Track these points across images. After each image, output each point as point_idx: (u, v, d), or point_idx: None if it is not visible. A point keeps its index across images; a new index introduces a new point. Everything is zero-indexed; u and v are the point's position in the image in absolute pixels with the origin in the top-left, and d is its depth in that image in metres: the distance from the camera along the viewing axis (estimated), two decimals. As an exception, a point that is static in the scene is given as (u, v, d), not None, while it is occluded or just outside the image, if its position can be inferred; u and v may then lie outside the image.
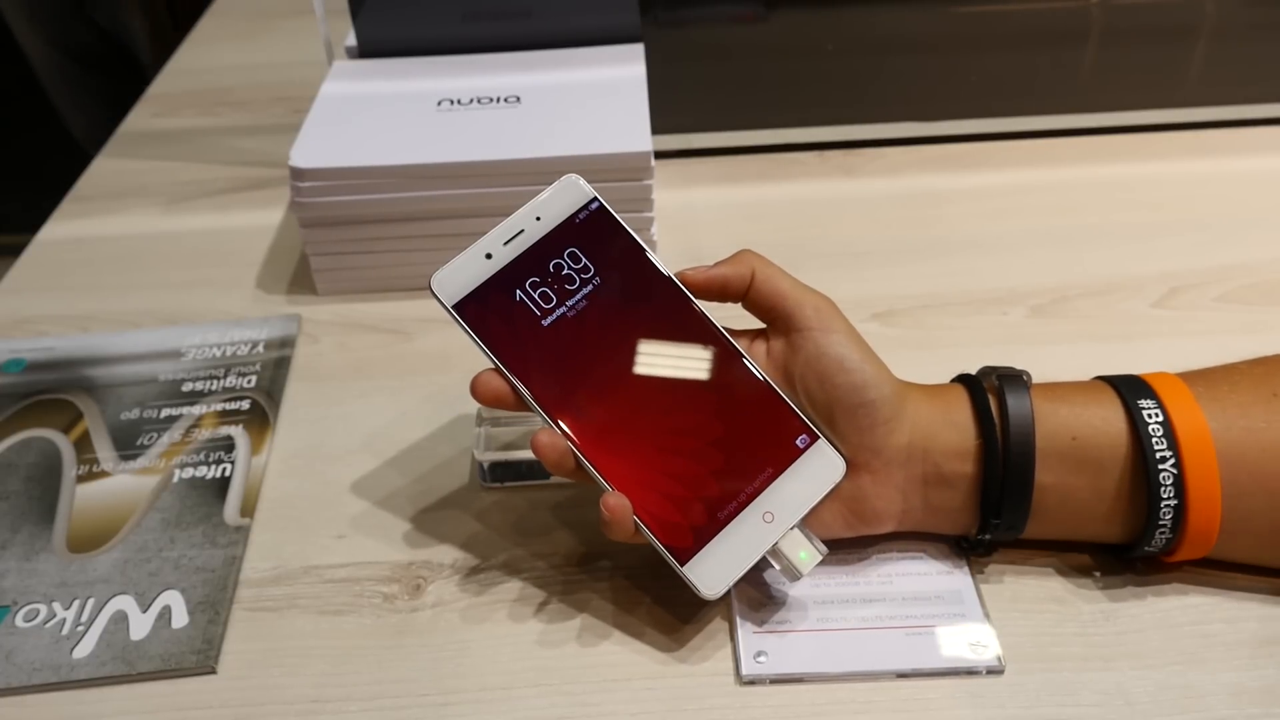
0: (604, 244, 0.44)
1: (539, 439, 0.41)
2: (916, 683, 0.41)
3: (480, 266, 0.43)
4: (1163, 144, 0.74)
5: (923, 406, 0.42)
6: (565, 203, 0.44)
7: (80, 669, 0.42)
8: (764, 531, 0.41)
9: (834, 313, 0.43)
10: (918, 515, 0.43)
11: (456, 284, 0.43)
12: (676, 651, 0.42)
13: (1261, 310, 0.59)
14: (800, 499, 0.41)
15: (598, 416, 0.42)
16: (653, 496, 0.41)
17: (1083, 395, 0.42)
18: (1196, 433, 0.40)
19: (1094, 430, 0.41)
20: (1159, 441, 0.40)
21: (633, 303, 0.43)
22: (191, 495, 0.50)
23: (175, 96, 0.90)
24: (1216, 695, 0.39)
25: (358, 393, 0.57)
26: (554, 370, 0.42)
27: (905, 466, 0.42)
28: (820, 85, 0.79)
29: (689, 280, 0.44)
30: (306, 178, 0.60)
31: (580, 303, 0.43)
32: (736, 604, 0.43)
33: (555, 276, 0.43)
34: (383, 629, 0.44)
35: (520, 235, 0.43)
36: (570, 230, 0.44)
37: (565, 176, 0.44)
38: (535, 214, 0.44)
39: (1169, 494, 0.40)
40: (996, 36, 0.81)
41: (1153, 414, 0.41)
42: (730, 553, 0.41)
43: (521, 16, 0.72)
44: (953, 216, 0.68)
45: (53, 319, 0.63)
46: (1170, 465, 0.40)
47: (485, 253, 0.43)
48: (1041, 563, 0.45)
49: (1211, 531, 0.41)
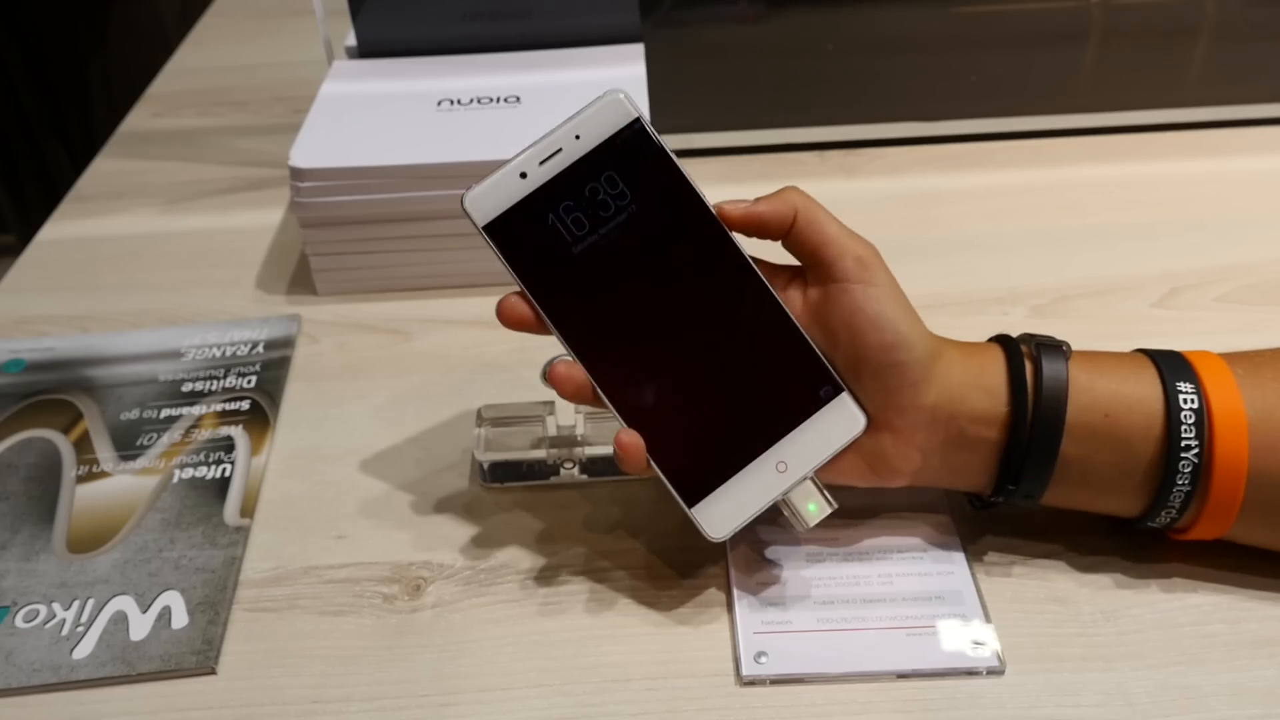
0: (644, 168, 0.42)
1: (556, 369, 0.41)
2: (917, 683, 0.41)
3: (514, 186, 0.41)
4: (1162, 144, 0.74)
5: (955, 367, 0.42)
6: (606, 122, 0.42)
7: (80, 669, 0.42)
8: (776, 480, 0.41)
9: (877, 264, 0.42)
10: (934, 473, 0.43)
11: (489, 203, 0.41)
12: (676, 652, 0.42)
13: (1261, 310, 0.59)
14: (816, 451, 0.41)
15: (620, 349, 0.41)
16: (668, 434, 0.41)
17: (1122, 370, 0.42)
18: (1233, 419, 0.40)
19: (1128, 409, 0.41)
20: (1188, 430, 0.40)
21: (667, 234, 0.42)
22: (191, 495, 0.50)
23: (175, 96, 0.90)
24: (1217, 696, 0.39)
25: (358, 393, 0.57)
26: (580, 299, 0.41)
27: (929, 428, 0.41)
28: (820, 85, 0.79)
29: (727, 215, 0.42)
30: (306, 178, 0.60)
31: (614, 230, 0.41)
32: (737, 604, 0.43)
33: (591, 200, 0.41)
34: (383, 629, 0.44)
35: (558, 155, 0.41)
36: (610, 152, 0.41)
37: (608, 92, 0.42)
38: (575, 132, 0.41)
39: (1184, 481, 0.40)
40: (996, 36, 0.81)
41: (1189, 399, 0.40)
42: (740, 498, 0.41)
43: (521, 16, 0.72)
44: (953, 216, 0.68)
45: (53, 319, 0.63)
46: (1193, 454, 0.40)
47: (520, 171, 0.41)
48: (1042, 563, 0.45)
49: (1229, 516, 0.41)
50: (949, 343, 0.43)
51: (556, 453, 0.49)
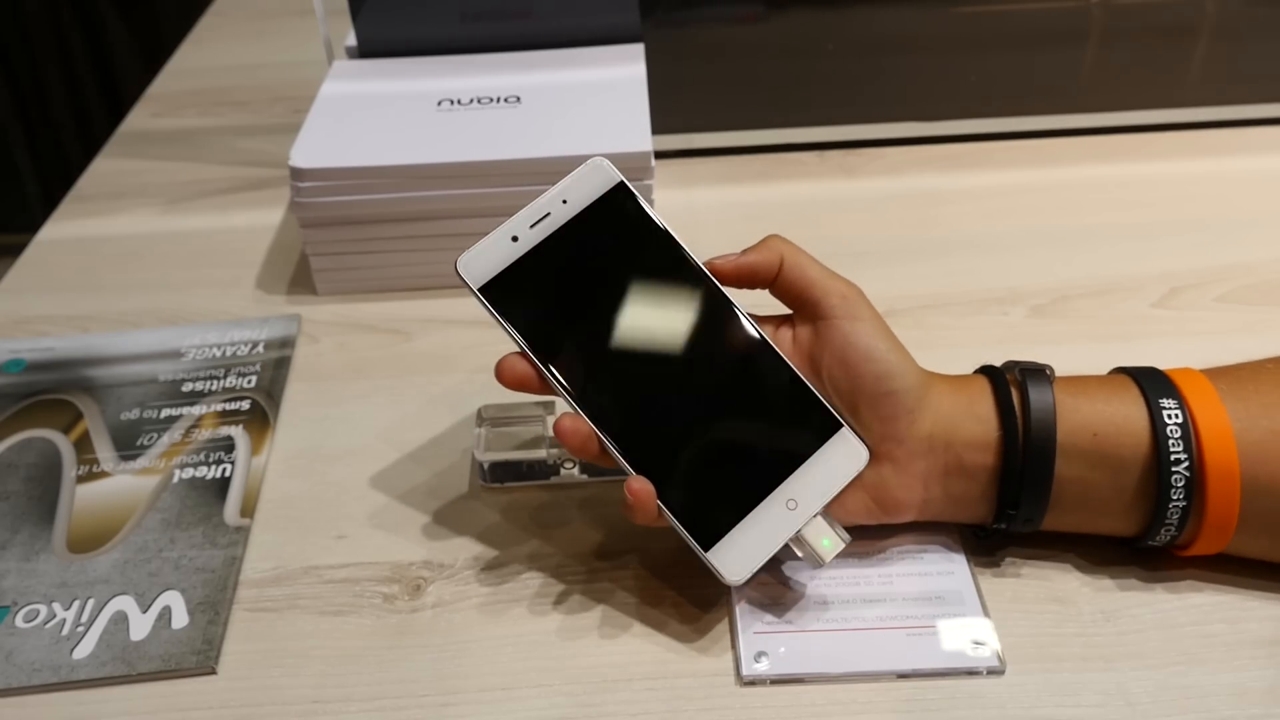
0: (631, 228, 0.44)
1: (562, 423, 0.41)
2: (917, 683, 0.41)
3: (506, 249, 0.43)
4: (1163, 144, 0.74)
5: (946, 398, 0.43)
6: (592, 186, 0.44)
7: (80, 669, 0.42)
8: (788, 519, 0.41)
9: (861, 301, 0.43)
10: (938, 505, 0.43)
11: (482, 267, 0.43)
12: (676, 652, 0.42)
13: (1261, 310, 0.59)
14: (824, 486, 0.42)
15: (623, 401, 0.42)
16: (677, 481, 0.41)
17: (1105, 391, 0.42)
18: (1219, 432, 0.40)
19: (1115, 428, 0.41)
20: (1175, 444, 0.40)
21: (659, 288, 0.43)
22: (191, 495, 0.50)
23: (175, 96, 0.90)
24: (1217, 695, 0.39)
25: (358, 393, 0.57)
26: (579, 354, 0.42)
27: (927, 457, 0.42)
28: (820, 85, 0.79)
29: (717, 269, 0.44)
30: (306, 178, 0.60)
31: (606, 288, 0.43)
32: (737, 604, 0.43)
33: (581, 260, 0.43)
34: (383, 629, 0.44)
35: (547, 218, 0.43)
36: (597, 214, 0.43)
37: (592, 160, 0.44)
38: (562, 197, 0.43)
39: (1179, 496, 0.40)
40: (996, 36, 0.81)
41: (1173, 414, 0.41)
42: (754, 539, 0.41)
43: (521, 16, 0.72)
44: (953, 216, 0.68)
45: (53, 319, 0.63)
46: (1184, 468, 0.40)
47: (511, 235, 0.43)
48: (1041, 563, 0.45)
49: (1228, 529, 0.41)
50: (937, 376, 0.44)
51: (556, 453, 0.49)
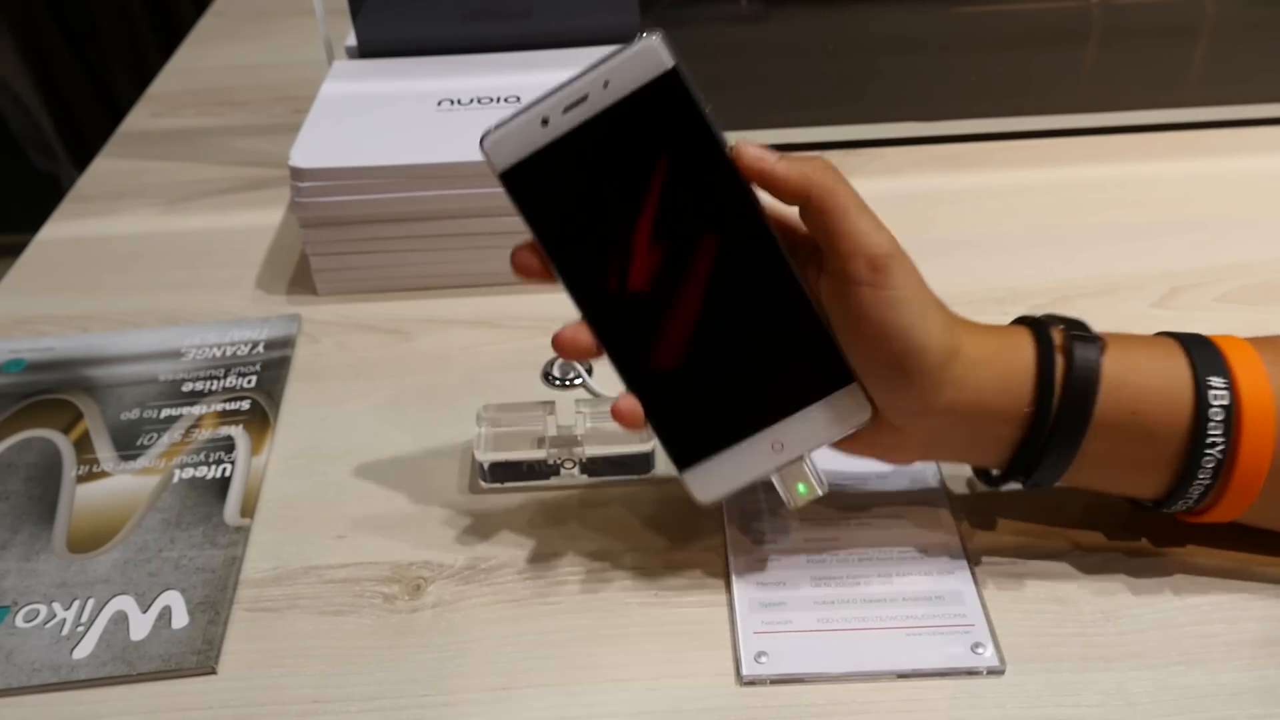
0: (674, 124, 0.39)
1: (562, 334, 0.40)
2: (917, 683, 0.41)
3: (535, 133, 0.39)
4: (1163, 144, 0.74)
5: (976, 370, 0.40)
6: (640, 70, 0.38)
7: (80, 669, 0.42)
8: (770, 457, 0.41)
9: (893, 266, 0.38)
10: (941, 454, 0.43)
11: (508, 149, 0.39)
12: (676, 652, 0.42)
13: (1261, 310, 0.59)
14: (815, 435, 0.41)
15: (630, 310, 0.40)
16: (669, 397, 0.41)
17: (1154, 363, 0.40)
18: (1262, 411, 0.39)
19: (1156, 405, 0.40)
20: (1215, 428, 0.39)
21: (691, 197, 0.40)
22: (191, 495, 0.50)
23: (175, 96, 0.90)
24: (1217, 695, 0.39)
25: (358, 393, 0.57)
26: (593, 256, 0.40)
27: (940, 423, 0.40)
28: (820, 85, 0.79)
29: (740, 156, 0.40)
30: (306, 178, 0.60)
31: (635, 187, 0.39)
32: (737, 604, 0.43)
33: (614, 154, 0.39)
34: (383, 629, 0.44)
35: (583, 103, 0.38)
36: (638, 104, 0.39)
37: (645, 39, 0.38)
38: (605, 79, 0.38)
39: (1205, 476, 0.40)
40: (996, 36, 0.81)
41: (1219, 394, 0.39)
42: (732, 469, 0.41)
43: (521, 16, 0.72)
44: (952, 216, 0.68)
45: (53, 319, 0.63)
46: (1218, 450, 0.39)
47: (542, 118, 0.38)
48: (1042, 563, 0.45)
49: (1246, 503, 0.41)
50: (971, 335, 0.40)
51: (556, 453, 0.49)
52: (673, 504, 0.49)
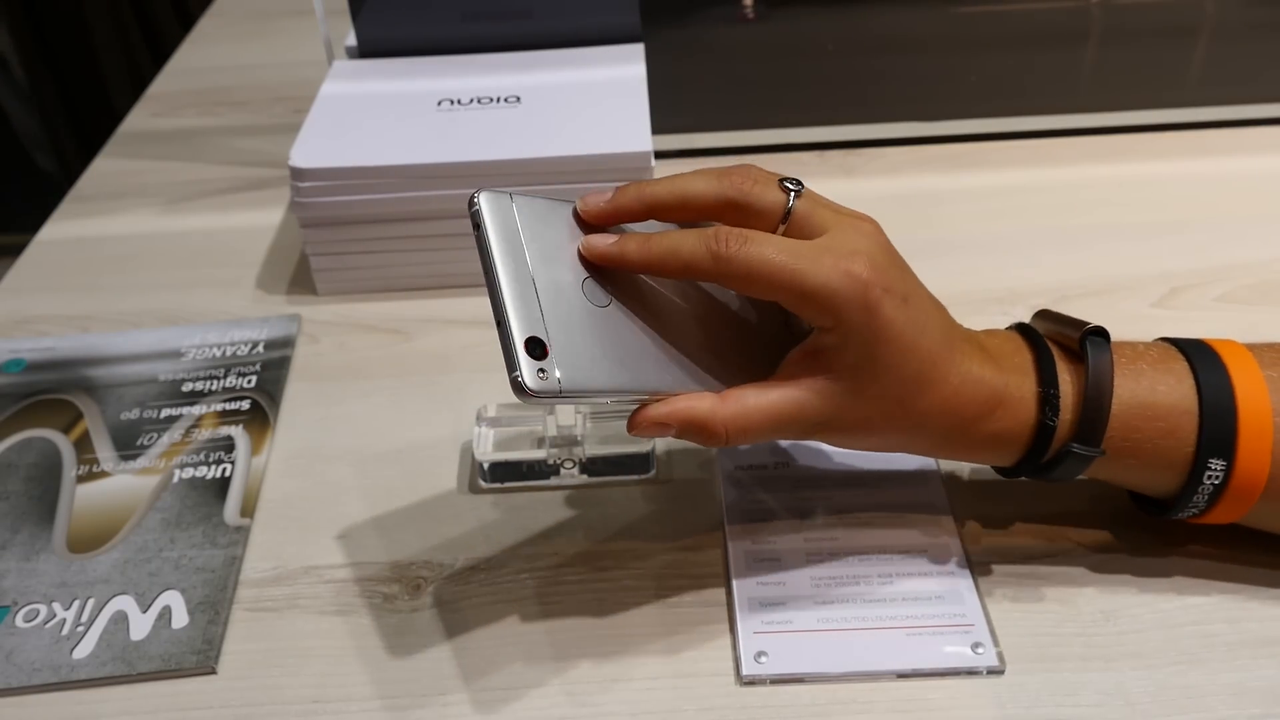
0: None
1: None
2: (917, 683, 0.41)
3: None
4: (1163, 144, 0.74)
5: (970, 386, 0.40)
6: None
7: (80, 669, 0.42)
8: None
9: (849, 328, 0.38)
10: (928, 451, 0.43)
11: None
12: (676, 651, 0.42)
13: (1261, 310, 0.59)
14: None
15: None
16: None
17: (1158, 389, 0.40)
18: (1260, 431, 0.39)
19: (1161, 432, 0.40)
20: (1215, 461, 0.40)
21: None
22: (191, 495, 0.50)
23: (175, 96, 0.90)
24: (1217, 695, 0.39)
25: (358, 393, 0.57)
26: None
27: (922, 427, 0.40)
28: (820, 85, 0.79)
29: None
30: (306, 178, 0.60)
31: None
32: (737, 604, 0.43)
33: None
34: (383, 629, 0.44)
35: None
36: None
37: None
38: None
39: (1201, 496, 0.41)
40: (996, 36, 0.81)
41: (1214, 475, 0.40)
42: None
43: (521, 16, 0.72)
44: (953, 216, 0.68)
45: (53, 319, 0.63)
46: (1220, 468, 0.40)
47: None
48: (1042, 563, 0.45)
49: (1243, 510, 0.41)
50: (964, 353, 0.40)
51: (556, 453, 0.49)
52: (673, 504, 0.49)
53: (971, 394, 0.40)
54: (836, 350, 0.38)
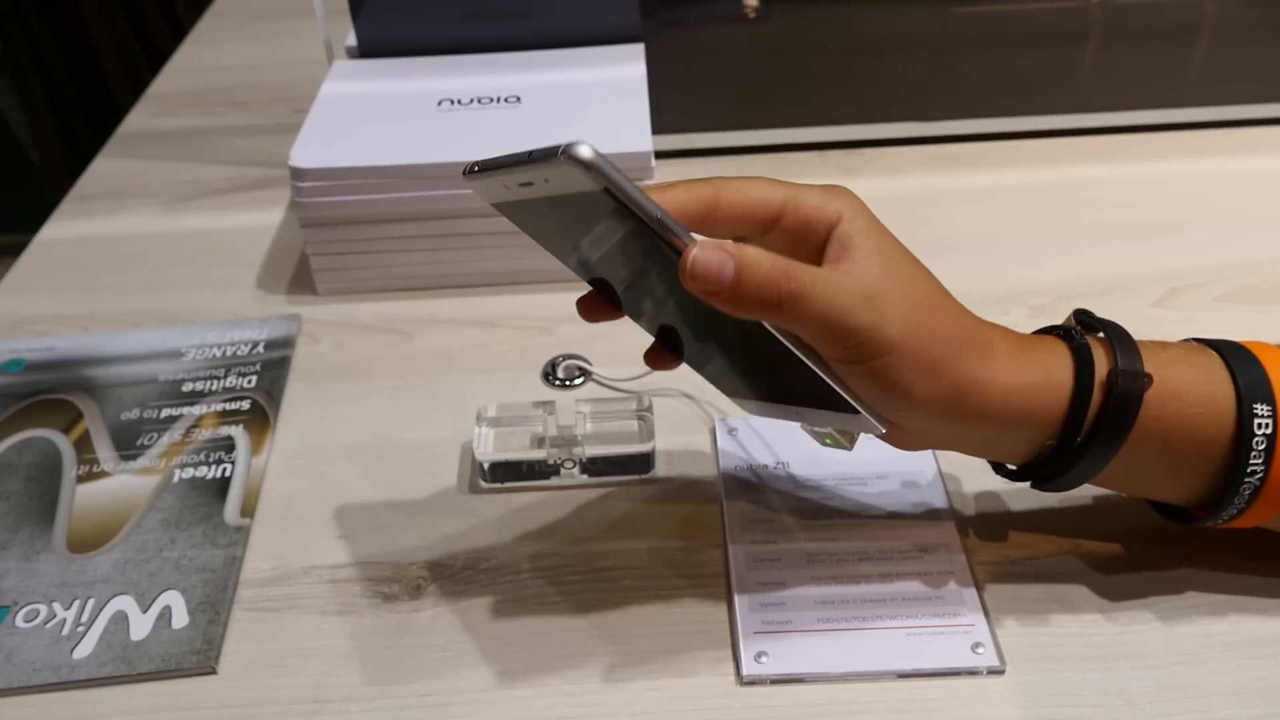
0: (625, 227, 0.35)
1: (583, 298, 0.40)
2: (917, 683, 0.41)
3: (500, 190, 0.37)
4: (1163, 144, 0.74)
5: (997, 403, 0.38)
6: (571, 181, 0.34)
7: (80, 669, 0.42)
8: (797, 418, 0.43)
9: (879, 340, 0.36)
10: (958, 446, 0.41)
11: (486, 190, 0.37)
12: (676, 652, 0.42)
13: (1261, 310, 0.59)
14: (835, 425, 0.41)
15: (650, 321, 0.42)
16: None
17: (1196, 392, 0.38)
18: None
19: (1191, 435, 0.38)
20: (1256, 456, 0.38)
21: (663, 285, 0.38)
22: (192, 495, 0.50)
23: (175, 96, 0.90)
24: (1217, 695, 0.39)
25: (358, 393, 0.57)
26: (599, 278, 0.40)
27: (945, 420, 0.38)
28: (820, 85, 0.79)
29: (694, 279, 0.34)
30: (306, 178, 0.60)
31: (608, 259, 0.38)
32: (737, 604, 0.43)
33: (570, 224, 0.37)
34: (383, 629, 0.44)
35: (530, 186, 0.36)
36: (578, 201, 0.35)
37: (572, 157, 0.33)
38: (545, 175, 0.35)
39: (1241, 500, 0.39)
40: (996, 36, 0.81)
41: (1264, 424, 0.38)
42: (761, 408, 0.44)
43: (521, 16, 0.72)
44: (953, 216, 0.68)
45: (53, 319, 0.63)
46: (1256, 479, 0.38)
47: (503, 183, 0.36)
48: (1042, 563, 0.45)
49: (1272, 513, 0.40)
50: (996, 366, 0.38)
51: (556, 453, 0.49)
52: (673, 504, 0.49)
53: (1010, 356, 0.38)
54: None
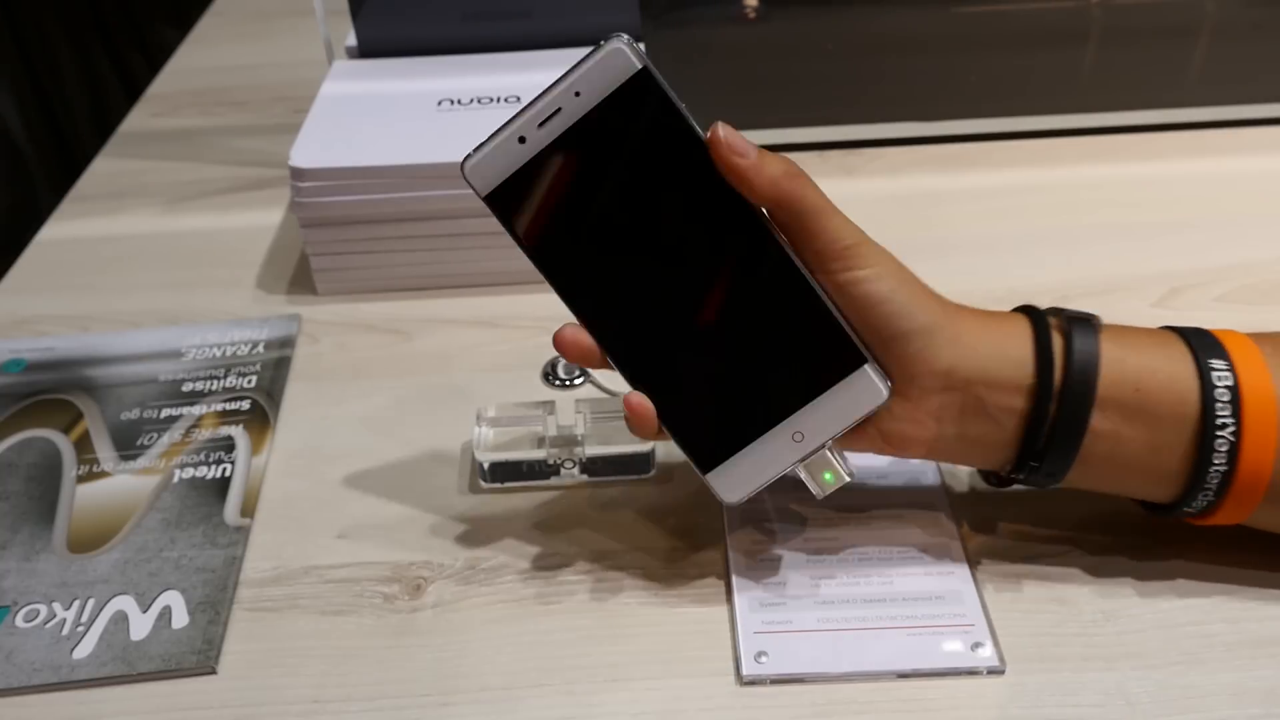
0: (650, 124, 0.38)
1: (562, 334, 0.40)
2: (917, 683, 0.41)
3: (514, 152, 0.39)
4: (1163, 144, 0.74)
5: (973, 334, 0.40)
6: (608, 76, 0.38)
7: (80, 669, 0.42)
8: (792, 449, 0.40)
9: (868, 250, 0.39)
10: (950, 445, 0.41)
11: (489, 171, 0.39)
12: (676, 652, 0.42)
13: (1261, 310, 0.59)
14: (834, 421, 0.40)
15: (630, 314, 0.40)
16: (681, 401, 0.41)
17: (1153, 345, 0.41)
18: (1262, 397, 0.39)
19: (1159, 384, 0.40)
20: (1223, 407, 0.39)
21: (677, 195, 0.39)
22: (192, 495, 0.50)
23: (175, 96, 0.90)
24: (1217, 696, 0.39)
25: (358, 393, 0.57)
26: (587, 264, 0.40)
27: (942, 394, 0.40)
28: (820, 85, 0.79)
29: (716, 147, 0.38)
30: (306, 178, 0.60)
31: (620, 191, 0.39)
32: (737, 604, 0.43)
33: (595, 162, 0.39)
34: (383, 629, 0.44)
35: (557, 115, 0.38)
36: (612, 108, 0.38)
37: (610, 40, 0.38)
38: (575, 89, 0.38)
39: (1221, 461, 0.39)
40: (996, 36, 0.81)
41: (1223, 376, 0.39)
42: (755, 465, 0.41)
43: (521, 16, 0.72)
44: (953, 216, 0.68)
45: (53, 319, 0.63)
46: (1229, 433, 0.39)
47: (519, 136, 0.39)
48: (1042, 563, 0.45)
49: (1255, 498, 0.40)
50: (965, 310, 0.42)
51: (556, 453, 0.49)
52: (673, 504, 0.49)
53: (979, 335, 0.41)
54: None
